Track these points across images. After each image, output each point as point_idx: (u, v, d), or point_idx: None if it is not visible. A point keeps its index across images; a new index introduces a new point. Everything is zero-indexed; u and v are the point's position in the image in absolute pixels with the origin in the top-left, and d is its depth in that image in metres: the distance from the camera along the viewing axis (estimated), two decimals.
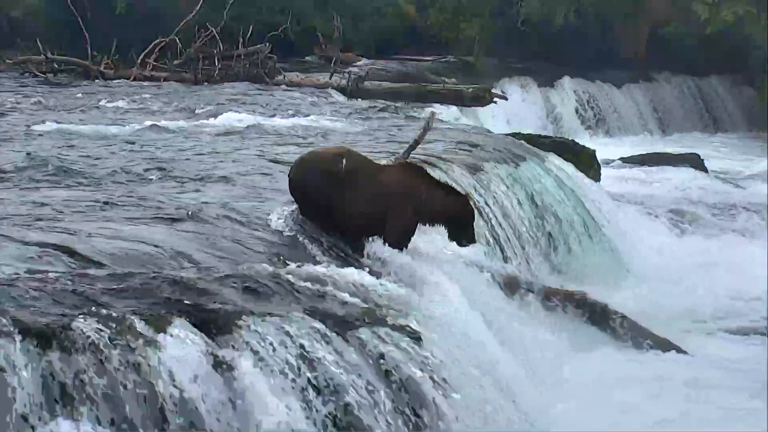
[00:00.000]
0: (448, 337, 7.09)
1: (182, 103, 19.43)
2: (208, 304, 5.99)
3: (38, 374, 4.83)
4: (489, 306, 8.65)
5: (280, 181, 9.66)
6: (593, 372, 9.00)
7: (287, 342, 5.92)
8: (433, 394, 6.39)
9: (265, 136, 14.90)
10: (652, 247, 15.06)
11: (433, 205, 8.19)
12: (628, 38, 32.70)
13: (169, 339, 5.41)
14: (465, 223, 8.38)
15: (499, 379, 7.22)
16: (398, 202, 8.06)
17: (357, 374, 6.07)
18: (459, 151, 13.47)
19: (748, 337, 11.11)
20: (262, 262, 7.22)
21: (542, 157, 14.94)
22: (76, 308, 5.43)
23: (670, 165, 22.15)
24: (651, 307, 11.70)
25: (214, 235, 7.63)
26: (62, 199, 8.80)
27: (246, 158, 12.06)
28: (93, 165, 11.18)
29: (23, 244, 6.71)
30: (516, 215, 12.44)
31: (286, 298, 6.53)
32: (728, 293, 12.81)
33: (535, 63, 31.37)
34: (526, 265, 11.82)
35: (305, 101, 21.13)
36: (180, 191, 9.54)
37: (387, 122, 17.73)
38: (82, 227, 7.48)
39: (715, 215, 17.84)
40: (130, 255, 6.72)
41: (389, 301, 7.18)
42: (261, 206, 8.71)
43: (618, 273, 13.32)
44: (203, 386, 5.33)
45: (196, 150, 13.01)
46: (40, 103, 18.72)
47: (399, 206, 8.07)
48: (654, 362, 9.74)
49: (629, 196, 18.46)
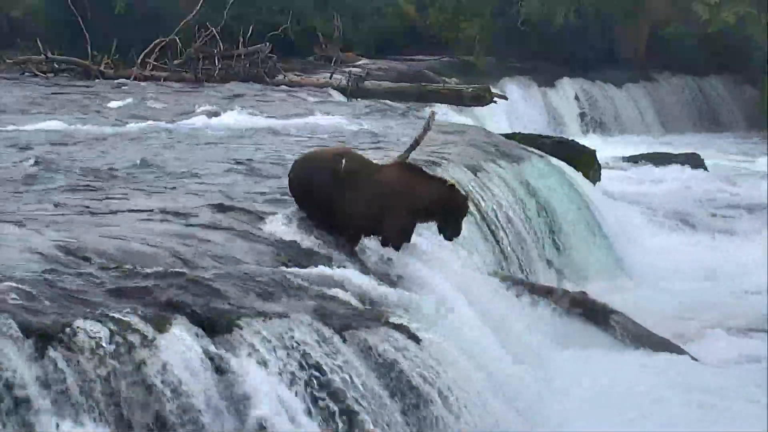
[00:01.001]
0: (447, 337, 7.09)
1: (182, 103, 19.44)
2: (208, 304, 6.00)
3: (38, 374, 4.83)
4: (488, 306, 8.65)
5: (279, 180, 9.67)
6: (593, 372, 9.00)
7: (287, 342, 5.93)
8: (432, 394, 6.39)
9: (265, 136, 14.92)
10: (652, 246, 15.07)
11: (428, 200, 8.11)
12: (628, 38, 32.69)
13: (169, 339, 5.41)
14: (456, 215, 8.24)
15: (498, 379, 7.23)
16: (394, 202, 8.03)
17: (357, 374, 6.07)
18: (459, 151, 13.47)
19: (748, 337, 11.11)
20: (262, 262, 7.22)
21: (542, 157, 14.95)
22: (76, 308, 5.44)
23: (670, 165, 22.15)
24: (650, 307, 11.70)
25: (213, 235, 7.63)
26: (62, 199, 8.81)
27: (246, 158, 12.07)
28: (93, 165, 11.19)
29: (23, 244, 6.71)
30: (516, 215, 12.45)
31: (286, 298, 6.53)
32: (728, 293, 12.82)
33: (535, 63, 31.37)
34: (525, 264, 11.83)
35: (305, 101, 21.14)
36: (180, 191, 9.54)
37: (387, 122, 17.73)
38: (82, 227, 7.48)
39: (715, 215, 17.85)
40: (129, 255, 6.72)
41: (389, 301, 7.19)
42: (261, 206, 8.71)
43: (617, 273, 13.33)
44: (203, 386, 5.33)
45: (196, 150, 13.01)
46: (41, 103, 18.72)
47: (395, 206, 8.04)
48: (653, 362, 9.74)
49: (629, 196, 18.46)
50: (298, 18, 31.06)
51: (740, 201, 18.92)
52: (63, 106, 18.41)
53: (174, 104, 19.34)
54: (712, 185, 20.49)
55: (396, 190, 8.06)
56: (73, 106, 18.62)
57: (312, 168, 8.26)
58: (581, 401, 8.13)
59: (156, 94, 21.32)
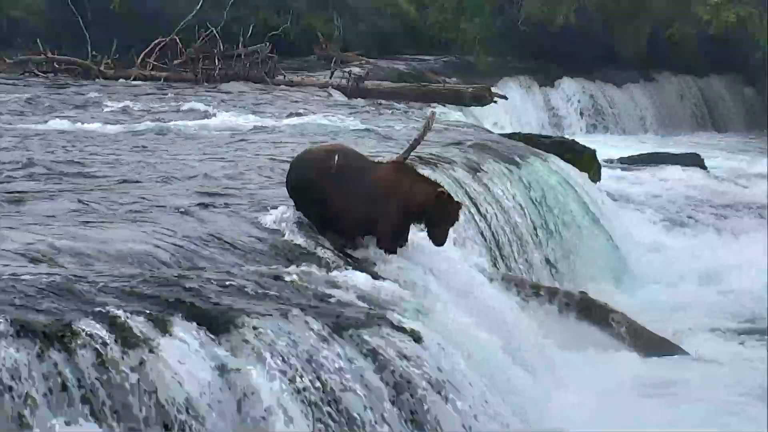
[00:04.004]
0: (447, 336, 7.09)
1: (182, 103, 19.43)
2: (208, 304, 5.99)
3: (38, 374, 4.82)
4: (488, 305, 8.64)
5: (280, 180, 9.67)
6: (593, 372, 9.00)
7: (287, 342, 5.92)
8: (433, 394, 6.39)
9: (265, 136, 14.92)
10: (652, 246, 15.08)
11: (419, 202, 8.03)
12: (629, 38, 32.68)
13: (169, 339, 5.41)
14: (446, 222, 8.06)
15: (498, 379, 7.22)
16: (385, 202, 7.99)
17: (357, 374, 6.07)
18: (459, 151, 13.47)
19: (748, 337, 11.10)
20: (261, 261, 7.22)
21: (542, 157, 14.94)
22: (76, 308, 5.43)
23: (671, 165, 22.14)
24: (650, 307, 11.71)
25: (213, 235, 7.63)
26: (62, 199, 8.80)
27: (245, 157, 12.07)
28: (93, 165, 11.19)
29: (23, 244, 6.71)
30: (516, 215, 12.44)
31: (285, 298, 6.52)
32: (728, 293, 12.82)
33: (535, 63, 31.39)
34: (525, 264, 11.82)
35: (305, 101, 21.14)
36: (179, 190, 9.53)
37: (387, 122, 17.72)
38: (82, 227, 7.48)
39: (715, 215, 17.84)
40: (129, 255, 6.72)
41: (388, 300, 7.18)
42: (260, 205, 8.71)
43: (617, 272, 13.33)
44: (203, 386, 5.32)
45: (196, 149, 13.02)
46: (41, 103, 18.72)
47: (386, 207, 7.99)
48: (653, 362, 9.74)
49: (629, 196, 18.47)
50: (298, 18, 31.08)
51: (740, 201, 18.91)
52: (63, 106, 18.41)
53: (174, 104, 19.33)
54: (712, 185, 20.48)
55: (389, 190, 8.01)
56: (73, 106, 18.62)
57: (307, 166, 8.25)
58: (581, 401, 8.12)
59: (156, 94, 21.31)
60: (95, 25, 27.01)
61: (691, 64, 32.61)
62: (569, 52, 30.71)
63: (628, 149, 24.55)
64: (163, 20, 27.39)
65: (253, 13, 29.36)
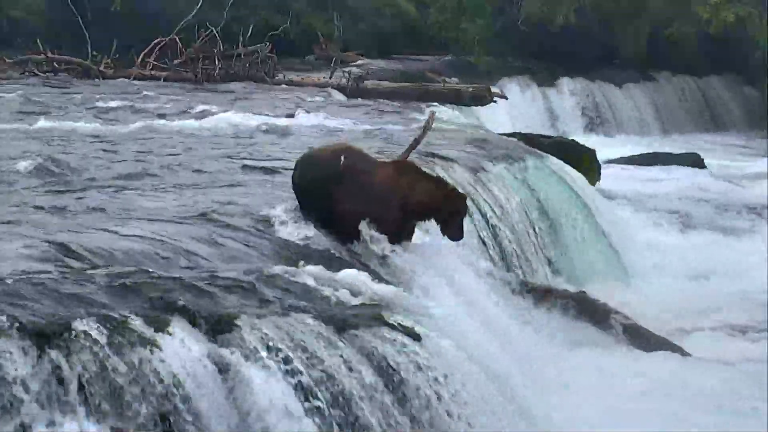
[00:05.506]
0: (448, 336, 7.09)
1: (182, 103, 19.43)
2: (208, 304, 5.99)
3: (38, 374, 4.83)
4: (488, 305, 8.65)
5: (280, 180, 9.67)
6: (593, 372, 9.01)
7: (287, 342, 5.92)
8: (432, 394, 6.39)
9: (265, 135, 14.92)
10: (652, 246, 15.08)
11: (423, 200, 8.08)
12: (629, 38, 32.70)
13: (169, 339, 5.41)
14: (455, 216, 8.19)
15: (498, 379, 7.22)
16: (385, 201, 8.02)
17: (357, 374, 6.07)
18: (459, 150, 13.47)
19: (748, 337, 11.11)
20: (262, 261, 7.22)
21: (542, 157, 14.95)
22: (76, 308, 5.43)
23: (671, 164, 22.18)
24: (650, 307, 11.71)
25: (214, 235, 7.63)
26: (62, 199, 8.81)
27: (246, 157, 12.07)
28: (92, 164, 11.19)
29: (23, 244, 6.71)
30: (516, 215, 12.45)
31: (286, 298, 6.53)
32: (728, 292, 12.82)
33: (535, 63, 31.41)
34: (525, 264, 11.83)
35: (305, 101, 21.14)
36: (179, 190, 9.53)
37: (387, 122, 17.72)
38: (82, 227, 7.48)
39: (715, 215, 17.86)
40: (129, 255, 6.72)
41: (388, 300, 7.18)
42: (261, 205, 8.71)
43: (617, 272, 13.33)
44: (203, 386, 5.32)
45: (196, 149, 13.01)
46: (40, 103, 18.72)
47: (387, 206, 8.03)
48: (653, 362, 9.74)
49: (629, 196, 18.49)
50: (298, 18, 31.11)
51: (740, 201, 18.93)
52: (63, 106, 18.40)
53: (174, 104, 19.32)
54: (712, 185, 20.50)
55: (385, 190, 8.04)
56: (73, 105, 18.62)
57: (313, 165, 8.28)
58: (581, 401, 8.13)
59: (156, 94, 21.30)
60: (95, 25, 27.03)
61: (690, 64, 32.63)
62: (569, 52, 30.73)
63: (627, 149, 24.57)
64: (163, 20, 27.42)
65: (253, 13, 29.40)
